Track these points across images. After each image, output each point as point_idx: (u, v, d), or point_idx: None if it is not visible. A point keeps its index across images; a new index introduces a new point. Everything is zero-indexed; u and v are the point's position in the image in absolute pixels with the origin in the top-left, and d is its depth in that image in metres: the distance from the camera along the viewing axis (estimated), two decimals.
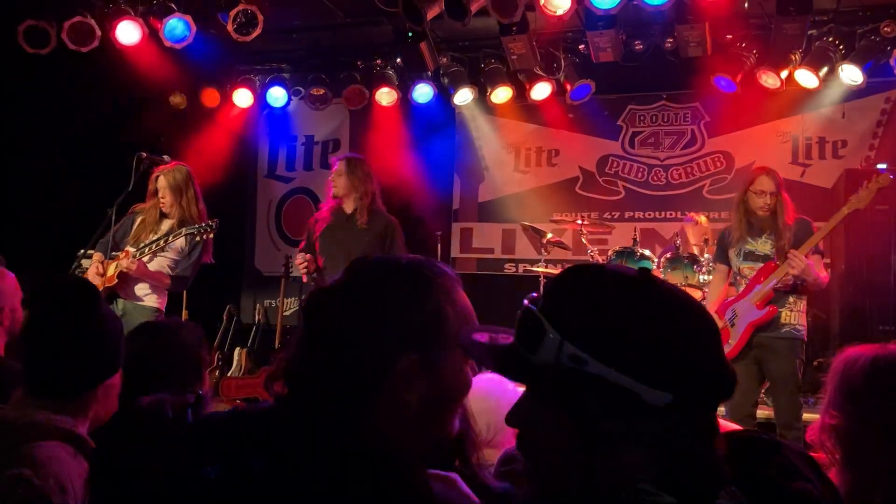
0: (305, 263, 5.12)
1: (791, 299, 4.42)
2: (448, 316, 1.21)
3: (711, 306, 4.65)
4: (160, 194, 4.83)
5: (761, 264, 4.45)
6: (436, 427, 1.23)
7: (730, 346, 4.44)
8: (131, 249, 4.72)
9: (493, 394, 1.80)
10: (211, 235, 4.73)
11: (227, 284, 8.26)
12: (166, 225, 4.85)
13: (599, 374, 0.95)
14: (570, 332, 0.98)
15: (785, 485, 1.03)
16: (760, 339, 4.41)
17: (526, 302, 1.07)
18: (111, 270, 4.70)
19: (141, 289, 4.80)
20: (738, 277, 4.57)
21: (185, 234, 4.71)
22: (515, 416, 1.08)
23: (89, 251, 4.81)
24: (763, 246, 4.46)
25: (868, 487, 1.58)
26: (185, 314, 7.00)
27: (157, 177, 4.85)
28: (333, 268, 4.97)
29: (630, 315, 0.98)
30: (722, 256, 4.70)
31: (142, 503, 1.19)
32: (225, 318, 7.88)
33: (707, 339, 1.01)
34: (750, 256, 4.50)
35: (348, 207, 5.21)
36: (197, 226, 4.71)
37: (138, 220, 4.89)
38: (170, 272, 4.83)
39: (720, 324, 4.52)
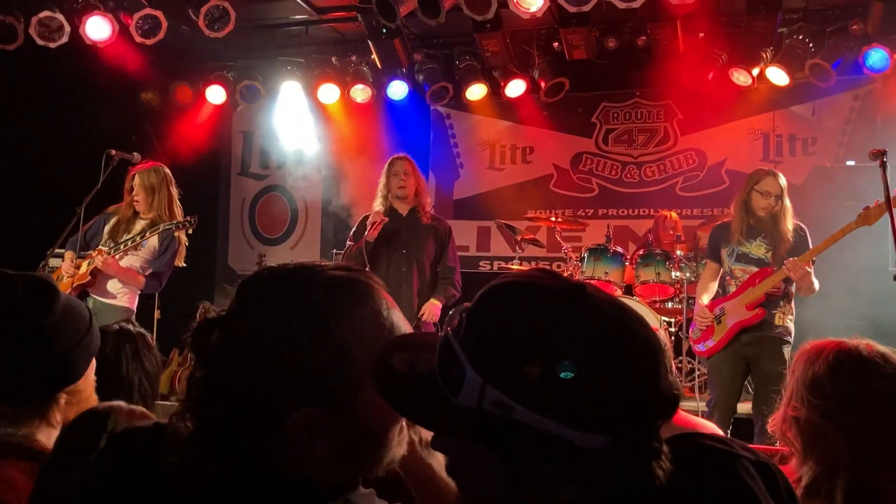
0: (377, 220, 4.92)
1: (782, 303, 4.44)
2: (355, 352, 1.01)
3: (701, 303, 4.67)
4: (135, 193, 4.79)
5: (753, 267, 4.42)
6: (365, 464, 1.08)
7: (713, 342, 4.47)
8: (104, 248, 4.68)
9: None
10: (190, 231, 4.69)
11: (200, 283, 8.17)
12: (139, 225, 4.81)
13: (527, 423, 0.85)
14: (492, 373, 0.86)
15: None
16: (751, 337, 4.41)
17: (447, 328, 0.94)
18: (83, 268, 4.65)
19: (114, 287, 4.76)
20: (728, 278, 4.57)
21: (162, 230, 4.67)
22: (438, 443, 0.97)
23: (58, 250, 4.75)
24: (757, 249, 4.43)
25: (829, 478, 1.60)
26: (157, 313, 6.92)
27: (133, 175, 4.82)
28: (395, 266, 4.90)
29: (557, 353, 0.85)
30: (713, 254, 4.68)
31: None
32: (198, 316, 7.78)
33: (646, 366, 0.90)
34: (742, 258, 4.47)
35: (403, 208, 5.08)
36: (174, 221, 4.67)
37: (112, 221, 4.84)
38: (141, 272, 4.79)
39: (708, 320, 4.55)
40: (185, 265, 5.00)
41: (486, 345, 0.89)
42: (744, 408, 4.81)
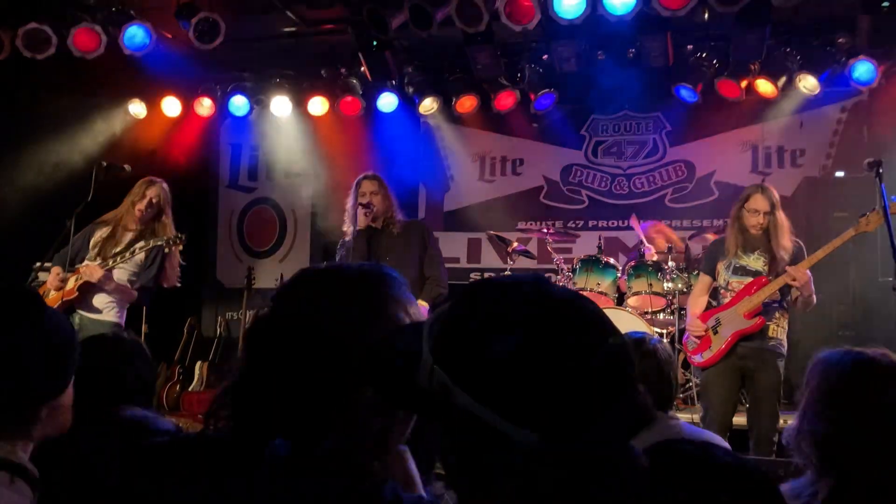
0: None
1: (777, 315, 4.46)
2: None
3: (692, 314, 4.67)
4: (146, 201, 4.72)
5: (750, 279, 4.45)
6: (397, 437, 1.16)
7: (711, 353, 4.47)
8: (91, 263, 4.62)
9: None
10: (180, 247, 4.65)
11: (188, 297, 8.10)
12: (128, 237, 4.76)
13: (465, 407, 0.86)
14: (439, 353, 0.89)
15: None
16: (747, 349, 4.42)
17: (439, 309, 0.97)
18: (70, 283, 4.58)
19: (101, 302, 4.68)
20: (723, 290, 4.58)
21: (153, 246, 4.62)
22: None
23: (47, 263, 4.69)
24: (755, 262, 4.46)
25: (848, 493, 1.58)
26: (144, 327, 6.84)
27: (149, 185, 4.77)
28: None
29: (499, 346, 0.86)
30: (709, 268, 4.71)
31: None
32: (186, 331, 7.73)
33: (600, 376, 0.87)
34: (740, 271, 4.50)
35: (377, 223, 5.05)
36: (165, 238, 4.63)
37: (99, 232, 4.78)
38: (129, 285, 4.73)
39: (700, 330, 4.54)
40: (178, 286, 4.98)
41: (443, 327, 0.91)
42: (737, 419, 4.82)
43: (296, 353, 1.07)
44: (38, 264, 4.79)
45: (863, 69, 6.14)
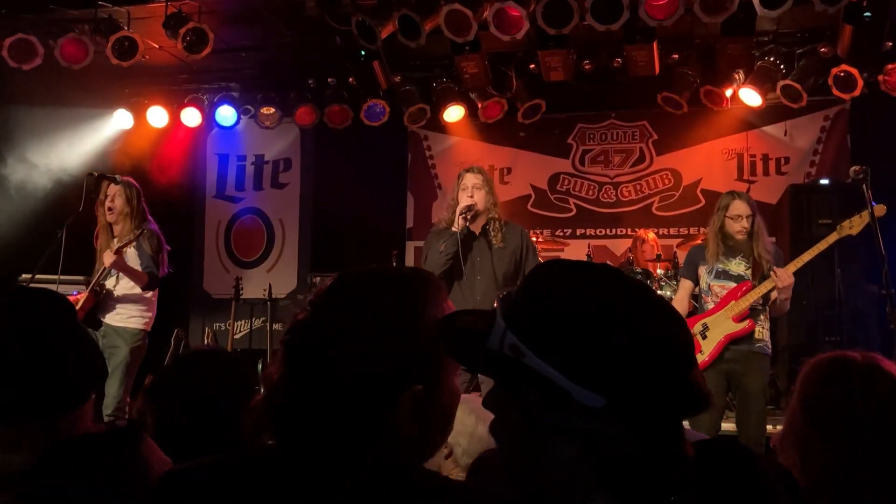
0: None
1: (762, 317, 4.51)
2: None
3: None
4: (109, 201, 4.76)
5: (732, 283, 4.50)
6: (433, 444, 1.18)
7: (703, 357, 4.50)
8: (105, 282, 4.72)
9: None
10: (132, 246, 4.68)
11: (174, 307, 8.05)
12: (116, 244, 4.78)
13: (534, 367, 0.94)
14: (514, 321, 0.98)
15: None
16: (736, 353, 4.46)
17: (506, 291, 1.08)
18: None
19: (124, 310, 4.79)
20: (706, 295, 4.63)
21: (124, 243, 4.70)
22: (487, 399, 1.07)
23: (39, 275, 4.67)
24: (737, 266, 4.52)
25: (818, 491, 1.59)
26: None
27: (109, 184, 4.79)
28: (469, 294, 4.35)
29: (572, 312, 0.95)
30: (690, 273, 4.75)
31: None
32: (173, 342, 7.67)
33: (666, 350, 0.95)
34: (723, 275, 4.55)
35: (475, 227, 4.45)
36: (126, 239, 4.70)
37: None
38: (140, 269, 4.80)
39: None
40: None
41: (517, 297, 1.01)
42: (725, 425, 4.85)
43: (338, 361, 1.07)
44: (25, 276, 4.76)
45: (845, 78, 6.21)
